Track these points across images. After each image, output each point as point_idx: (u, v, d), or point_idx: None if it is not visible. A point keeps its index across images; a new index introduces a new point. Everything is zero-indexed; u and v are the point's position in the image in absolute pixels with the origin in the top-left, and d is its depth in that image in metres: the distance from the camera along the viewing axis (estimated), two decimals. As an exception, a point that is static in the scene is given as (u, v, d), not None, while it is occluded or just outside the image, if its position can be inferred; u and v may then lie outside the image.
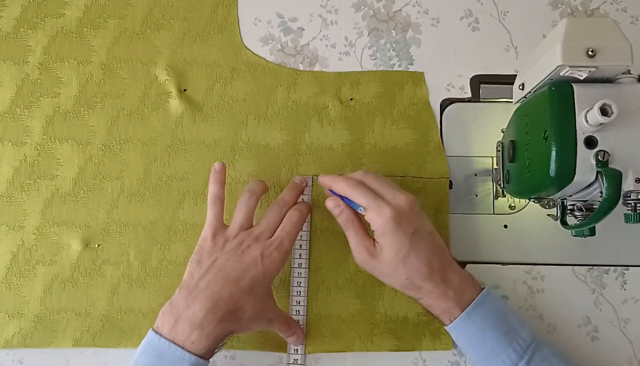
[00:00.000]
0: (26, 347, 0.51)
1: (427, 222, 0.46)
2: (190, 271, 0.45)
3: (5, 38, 0.55)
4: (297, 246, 0.51)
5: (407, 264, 0.44)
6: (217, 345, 0.43)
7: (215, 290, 0.43)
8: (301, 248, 0.51)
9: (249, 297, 0.43)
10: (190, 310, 0.42)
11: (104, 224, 0.53)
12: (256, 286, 0.44)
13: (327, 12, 0.56)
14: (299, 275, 0.51)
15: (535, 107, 0.42)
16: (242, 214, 0.47)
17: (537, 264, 0.52)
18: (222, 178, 0.48)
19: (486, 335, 0.43)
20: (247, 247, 0.45)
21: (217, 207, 0.47)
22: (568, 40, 0.37)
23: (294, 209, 0.48)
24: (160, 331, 0.42)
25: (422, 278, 0.44)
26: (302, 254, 0.51)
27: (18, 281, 0.52)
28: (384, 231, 0.43)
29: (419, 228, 0.44)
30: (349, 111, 0.54)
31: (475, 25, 0.55)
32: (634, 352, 0.50)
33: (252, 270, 0.44)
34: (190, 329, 0.41)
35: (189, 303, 0.42)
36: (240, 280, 0.43)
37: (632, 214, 0.38)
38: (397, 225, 0.43)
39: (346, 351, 0.50)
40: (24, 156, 0.53)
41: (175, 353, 0.41)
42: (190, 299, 0.42)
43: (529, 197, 0.50)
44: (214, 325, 0.42)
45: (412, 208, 0.44)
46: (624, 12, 0.55)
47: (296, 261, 0.51)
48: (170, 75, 0.54)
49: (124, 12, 0.56)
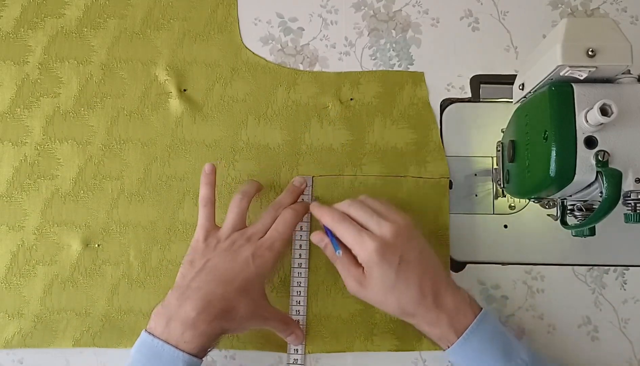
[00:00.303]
0: (26, 347, 0.51)
1: (417, 244, 0.45)
2: (183, 272, 0.45)
3: (5, 38, 0.55)
4: (297, 246, 0.51)
5: (396, 293, 0.43)
6: (211, 344, 0.43)
7: (208, 290, 0.43)
8: (301, 247, 0.51)
9: (242, 296, 0.43)
10: (183, 310, 0.42)
11: (104, 224, 0.53)
12: (249, 286, 0.44)
13: (327, 12, 0.56)
14: (299, 275, 0.51)
15: (535, 107, 0.42)
16: (234, 215, 0.47)
17: (537, 264, 0.52)
18: (213, 180, 0.48)
19: (484, 356, 0.43)
20: (239, 247, 0.45)
21: (208, 209, 0.47)
22: (568, 40, 0.37)
23: (288, 209, 0.48)
24: (153, 332, 0.42)
25: (414, 305, 0.43)
26: (302, 254, 0.51)
27: (18, 281, 0.52)
28: (368, 264, 0.43)
29: (406, 254, 0.43)
30: (349, 111, 0.54)
31: (475, 25, 0.55)
32: (634, 352, 0.50)
33: (244, 270, 0.44)
34: (182, 328, 0.41)
35: (181, 303, 0.42)
36: (234, 280, 0.44)
37: (632, 214, 0.38)
38: (381, 257, 0.42)
39: (346, 352, 0.50)
40: (24, 156, 0.53)
41: (169, 352, 0.41)
42: (183, 299, 0.42)
43: (529, 197, 0.50)
44: (206, 324, 0.41)
45: (398, 234, 0.43)
46: (624, 12, 0.55)
47: (296, 261, 0.51)
48: (170, 75, 0.54)
49: (124, 12, 0.56)
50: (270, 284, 0.52)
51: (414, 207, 0.52)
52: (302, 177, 0.52)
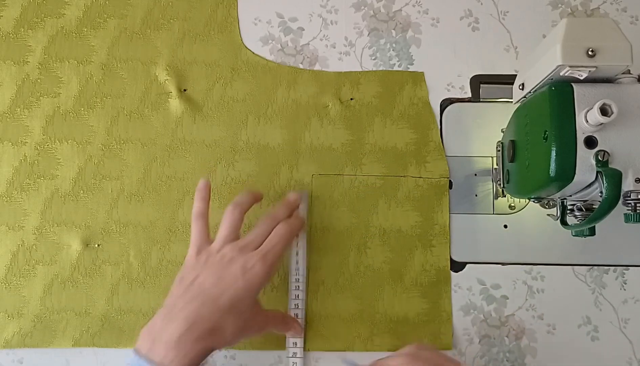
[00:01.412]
0: (25, 347, 0.51)
1: None
2: (172, 290, 0.44)
3: (5, 38, 0.55)
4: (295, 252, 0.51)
5: None
6: (198, 363, 0.42)
7: (192, 309, 0.42)
8: (297, 245, 0.51)
9: (228, 315, 0.42)
10: (166, 331, 0.41)
11: (104, 224, 0.53)
12: (237, 302, 0.43)
13: (327, 12, 0.56)
14: (297, 273, 0.51)
15: (535, 107, 0.42)
16: (226, 227, 0.46)
17: (537, 264, 0.52)
18: (206, 195, 0.48)
19: None
20: (229, 261, 0.44)
21: (200, 223, 0.47)
22: (568, 40, 0.37)
23: (283, 223, 0.47)
24: (140, 352, 0.41)
25: None
26: (299, 253, 0.51)
27: (18, 281, 0.52)
28: None
29: None
30: (349, 110, 0.54)
31: (475, 25, 0.55)
32: (634, 352, 0.50)
33: (232, 286, 0.43)
34: (165, 350, 0.40)
35: (165, 324, 0.41)
36: (220, 298, 0.42)
37: (632, 214, 0.38)
38: None
39: (346, 351, 0.50)
40: (24, 156, 0.53)
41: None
42: (167, 320, 0.42)
43: (529, 197, 0.50)
44: (190, 345, 0.41)
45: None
46: (624, 12, 0.55)
47: (294, 258, 0.51)
48: (170, 75, 0.54)
49: (124, 12, 0.56)
50: (271, 285, 0.52)
51: (414, 207, 0.52)
52: (296, 193, 0.51)
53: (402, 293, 0.51)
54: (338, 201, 0.53)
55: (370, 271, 0.52)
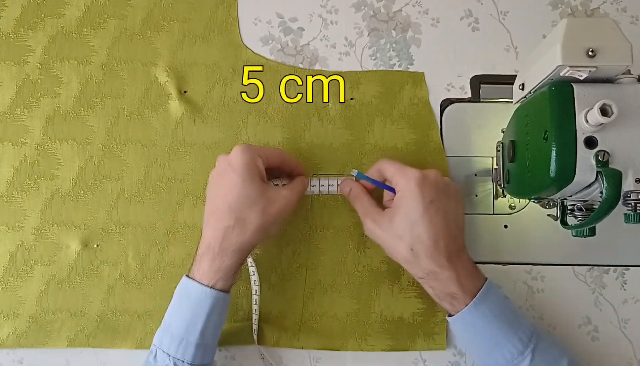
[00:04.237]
0: (21, 347, 0.51)
1: (454, 202, 0.45)
2: None
3: (5, 38, 0.55)
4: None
5: (414, 232, 0.43)
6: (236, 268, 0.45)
7: (210, 224, 0.45)
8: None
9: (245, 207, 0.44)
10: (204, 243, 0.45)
11: (104, 224, 0.53)
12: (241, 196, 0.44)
13: (327, 12, 0.56)
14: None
15: (535, 107, 0.42)
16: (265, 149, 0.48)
17: (537, 264, 0.52)
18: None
19: (493, 325, 0.43)
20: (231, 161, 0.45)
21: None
22: (568, 40, 0.37)
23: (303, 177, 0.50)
24: (190, 274, 0.45)
25: (426, 255, 0.43)
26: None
27: (15, 281, 0.52)
28: (403, 192, 0.44)
29: (439, 201, 0.44)
30: (349, 110, 0.54)
31: (475, 25, 0.55)
32: (634, 352, 0.50)
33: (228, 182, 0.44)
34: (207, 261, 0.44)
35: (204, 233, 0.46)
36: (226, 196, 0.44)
37: (632, 214, 0.38)
38: (417, 188, 0.43)
39: (340, 350, 0.50)
40: (24, 156, 0.53)
41: (198, 290, 0.44)
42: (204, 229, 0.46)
43: (529, 197, 0.50)
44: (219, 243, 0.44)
45: (442, 182, 0.45)
46: (624, 12, 0.55)
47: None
48: (170, 76, 0.54)
49: (124, 12, 0.56)
50: (267, 283, 0.52)
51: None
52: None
53: (398, 293, 0.51)
54: (338, 201, 0.53)
55: (368, 271, 0.52)
